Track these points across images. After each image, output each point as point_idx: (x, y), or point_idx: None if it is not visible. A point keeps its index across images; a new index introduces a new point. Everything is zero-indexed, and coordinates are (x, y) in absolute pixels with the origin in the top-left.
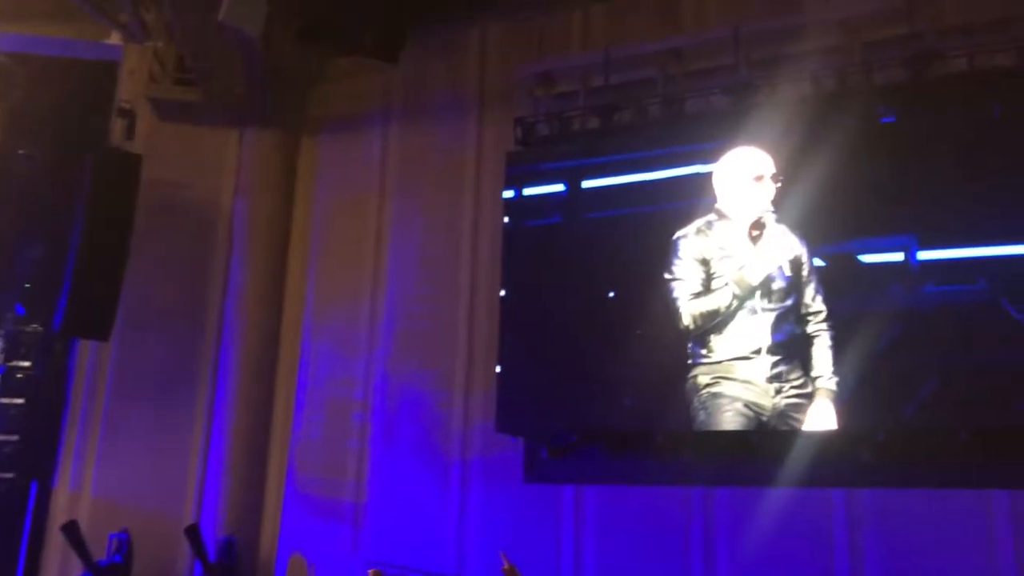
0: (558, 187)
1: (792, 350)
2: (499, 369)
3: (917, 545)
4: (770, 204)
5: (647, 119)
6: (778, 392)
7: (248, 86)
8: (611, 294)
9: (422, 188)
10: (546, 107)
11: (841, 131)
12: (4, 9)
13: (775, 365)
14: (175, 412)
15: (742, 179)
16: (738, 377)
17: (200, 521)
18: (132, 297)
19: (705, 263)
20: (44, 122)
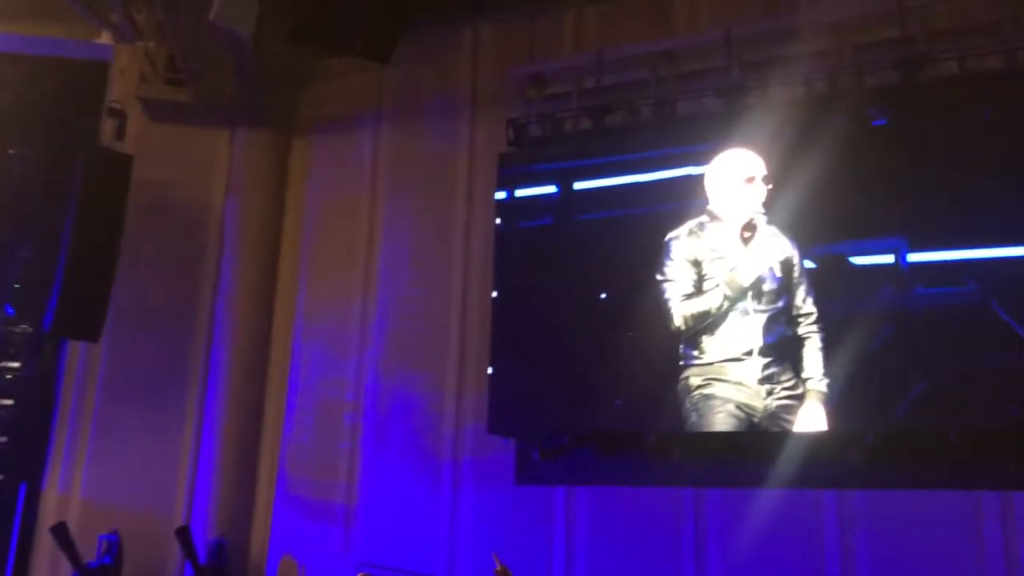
0: (550, 188)
1: (783, 352)
2: (491, 370)
3: (907, 546)
4: (761, 206)
5: (639, 121)
6: (769, 394)
7: (239, 86)
8: (603, 295)
9: (414, 189)
10: (538, 108)
11: (832, 133)
12: None
13: (766, 367)
14: (165, 413)
15: (734, 181)
16: (730, 379)
17: (190, 522)
18: (122, 298)
19: (697, 264)
20: (34, 122)
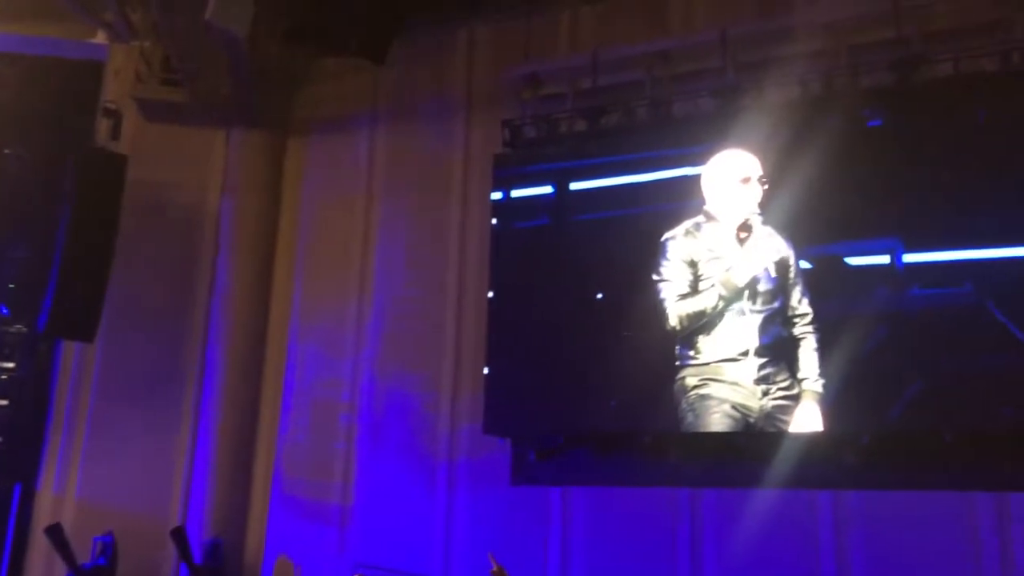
0: (546, 189)
1: (779, 352)
2: (487, 371)
3: (902, 547)
4: (757, 206)
5: (635, 121)
6: (765, 394)
7: (235, 87)
8: (599, 296)
9: (409, 190)
10: (533, 109)
11: (828, 134)
12: None
13: (762, 367)
14: (161, 413)
15: (729, 181)
16: (726, 379)
17: (186, 523)
18: (118, 298)
19: (693, 265)
20: (29, 122)
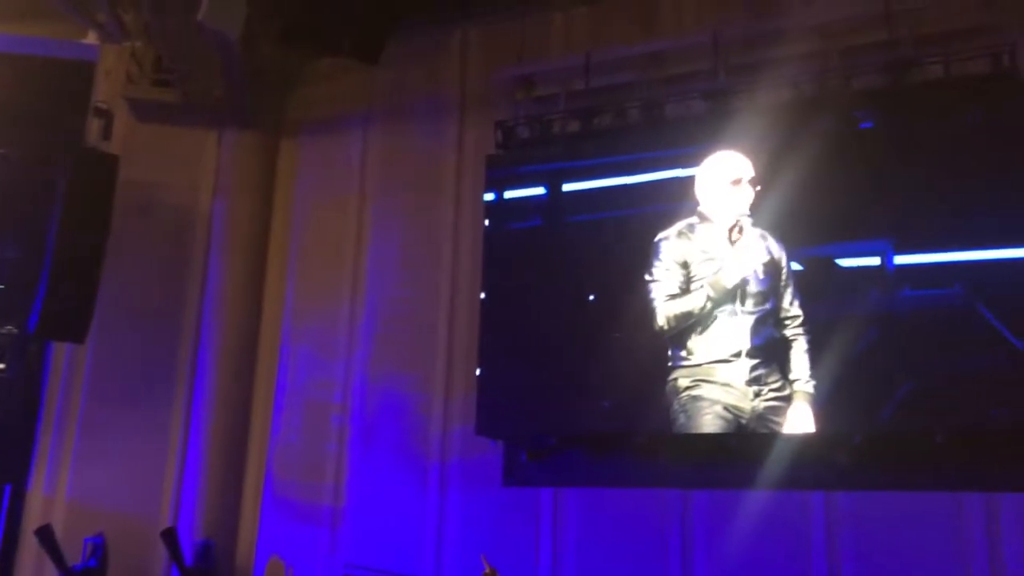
0: (538, 190)
1: (771, 353)
2: (479, 372)
3: (893, 546)
4: (748, 208)
5: (627, 123)
6: (757, 395)
7: (227, 87)
8: (591, 297)
9: (402, 191)
10: (526, 110)
11: (819, 136)
12: None
13: (754, 368)
14: (152, 415)
15: (721, 183)
16: (718, 380)
17: (177, 524)
18: (109, 299)
19: (685, 266)
20: (20, 122)
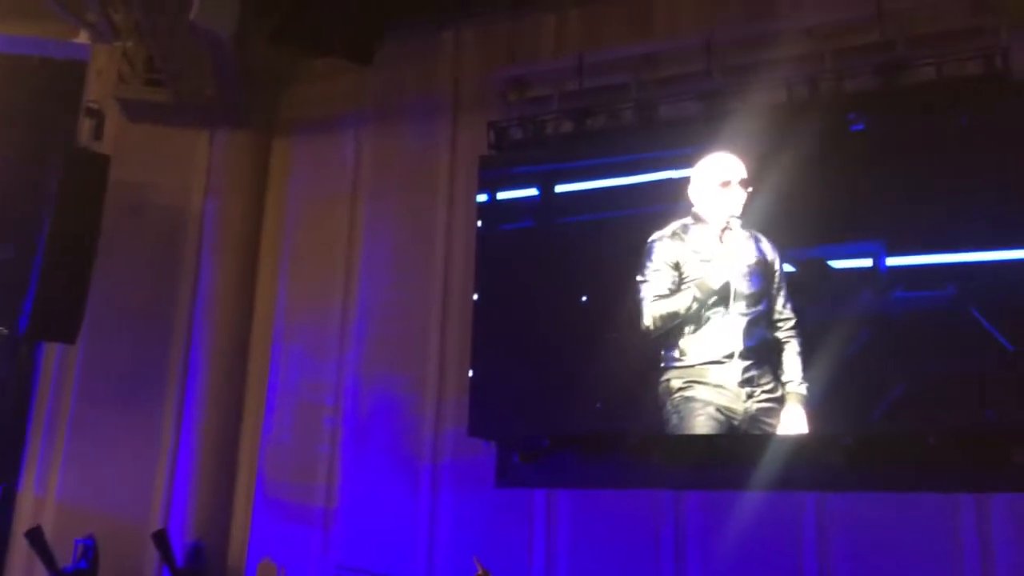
0: (531, 191)
1: (763, 355)
2: (471, 373)
3: (885, 548)
4: (739, 209)
5: (620, 124)
6: (749, 396)
7: (219, 87)
8: (584, 298)
9: (395, 191)
10: (519, 111)
11: (812, 138)
12: None
13: (747, 370)
14: (143, 415)
15: (714, 184)
16: (710, 381)
17: (168, 526)
18: (100, 299)
19: (677, 267)
20: (10, 122)
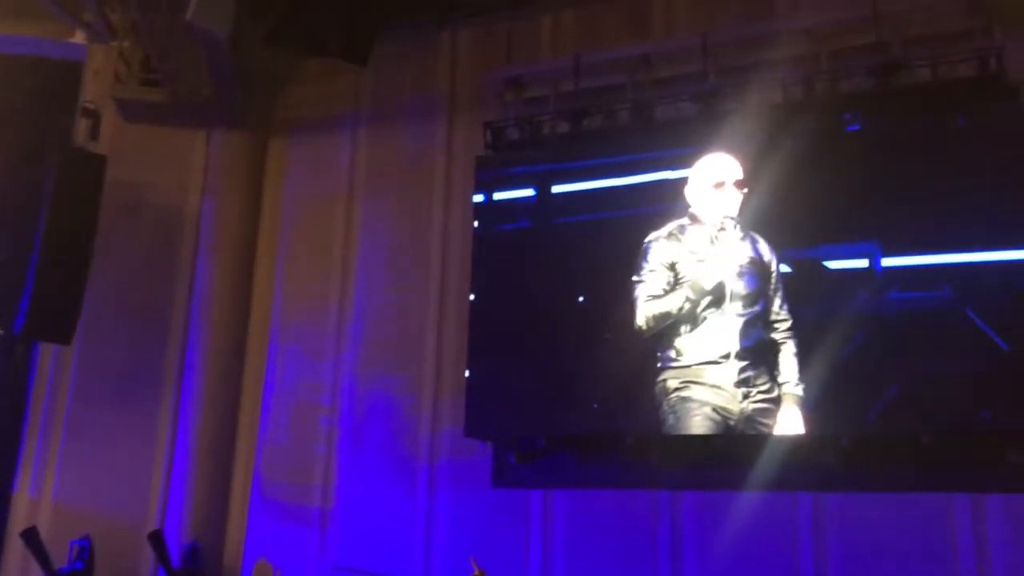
0: (528, 192)
1: (760, 356)
2: (468, 373)
3: (881, 548)
4: (734, 210)
5: (616, 125)
6: (746, 397)
7: (215, 87)
8: (580, 299)
9: (391, 191)
10: (516, 111)
11: (808, 139)
12: None
13: (743, 370)
14: (139, 416)
15: (710, 185)
16: (707, 381)
17: (164, 526)
18: (96, 299)
19: (673, 267)
20: (6, 122)
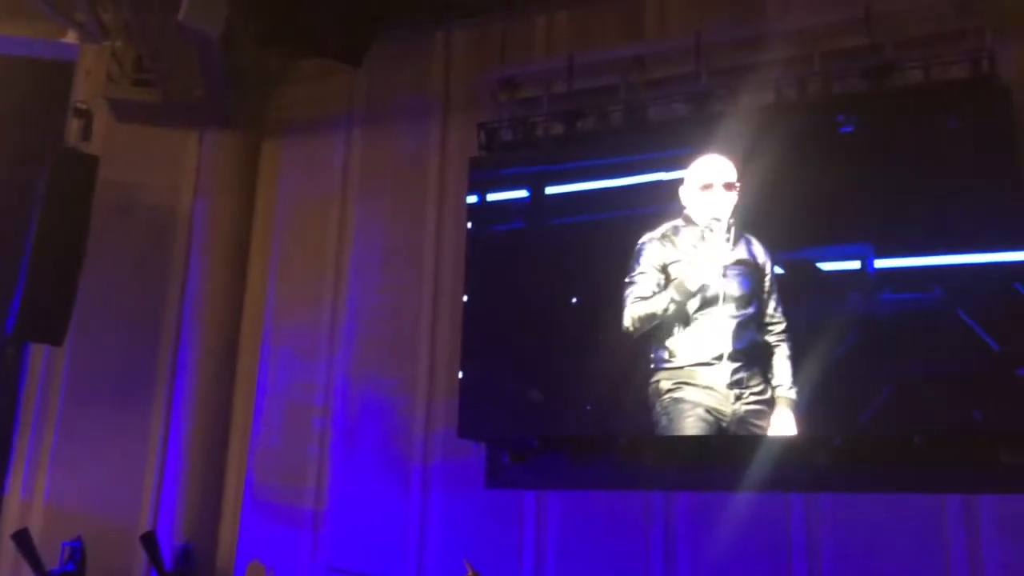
0: (522, 193)
1: (753, 357)
2: (461, 374)
3: (873, 548)
4: (726, 211)
5: (610, 126)
6: (738, 398)
7: (208, 87)
8: (574, 300)
9: (385, 192)
10: (510, 112)
11: (801, 140)
12: None
13: (736, 372)
14: (131, 417)
15: (703, 186)
16: (700, 383)
17: (156, 528)
18: (88, 300)
19: (664, 269)
20: None
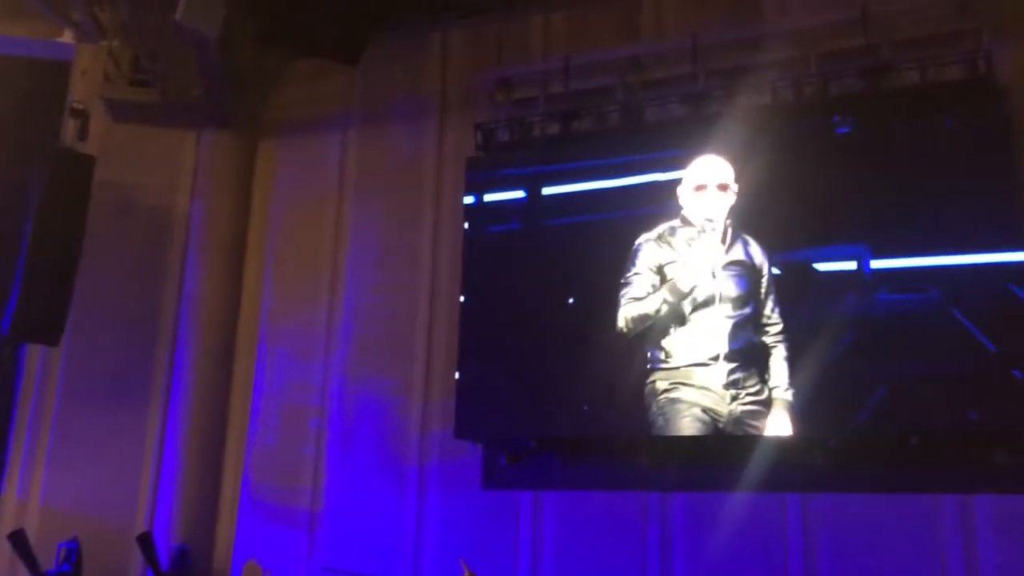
0: (518, 193)
1: (749, 358)
2: (458, 375)
3: (869, 548)
4: (721, 212)
5: (606, 126)
6: (734, 399)
7: (205, 87)
8: (571, 300)
9: (381, 193)
10: (506, 112)
11: (797, 141)
12: None
13: (732, 372)
14: (127, 418)
15: (697, 187)
16: (696, 383)
17: (153, 529)
18: (84, 301)
19: (660, 270)
20: None
